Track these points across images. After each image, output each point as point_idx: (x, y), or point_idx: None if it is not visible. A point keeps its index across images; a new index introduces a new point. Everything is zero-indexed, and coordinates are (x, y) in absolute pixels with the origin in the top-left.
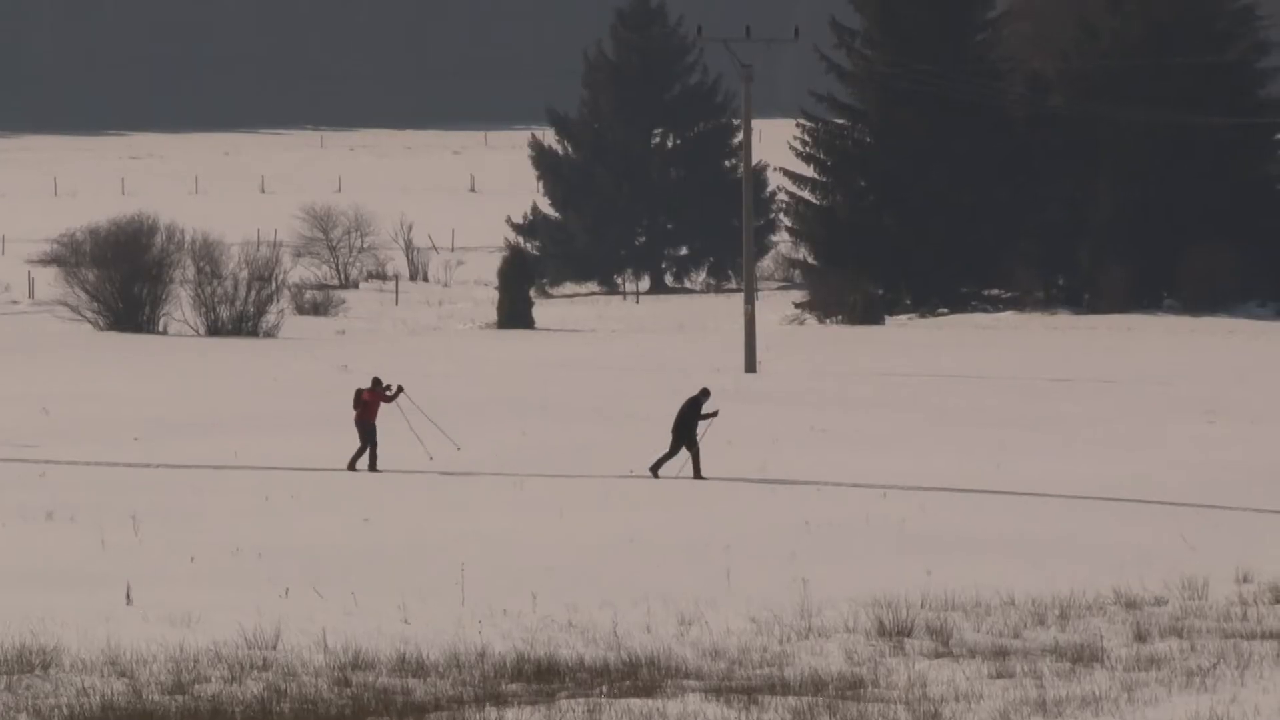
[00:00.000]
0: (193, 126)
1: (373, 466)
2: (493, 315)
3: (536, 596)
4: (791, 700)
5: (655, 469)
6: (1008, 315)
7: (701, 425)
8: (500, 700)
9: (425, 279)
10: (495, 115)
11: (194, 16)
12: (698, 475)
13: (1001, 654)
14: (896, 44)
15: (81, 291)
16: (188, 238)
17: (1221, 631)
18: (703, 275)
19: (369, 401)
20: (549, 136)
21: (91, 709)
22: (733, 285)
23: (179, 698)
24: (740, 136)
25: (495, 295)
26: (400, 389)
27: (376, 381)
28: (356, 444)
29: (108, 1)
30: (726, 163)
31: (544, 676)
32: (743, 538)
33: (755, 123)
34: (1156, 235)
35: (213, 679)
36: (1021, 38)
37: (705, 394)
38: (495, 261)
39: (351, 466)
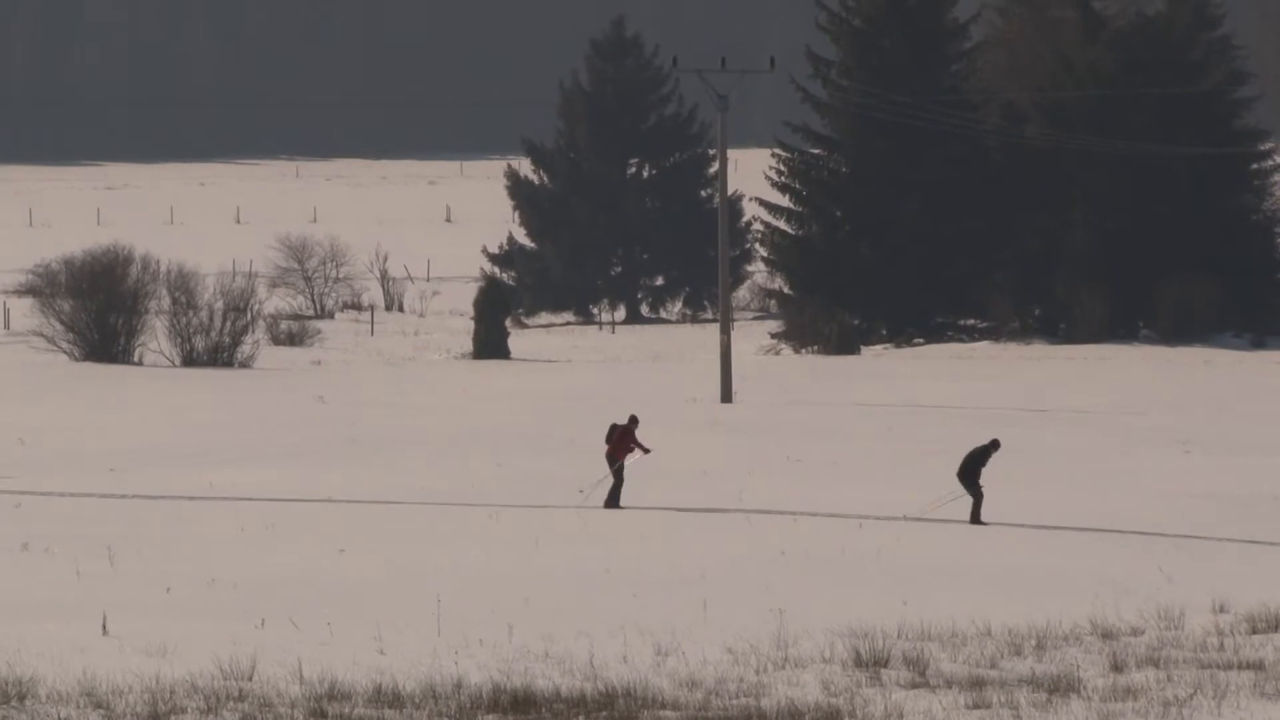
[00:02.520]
0: (168, 157)
1: (612, 503)
2: (468, 345)
3: (513, 627)
4: None
5: (976, 519)
6: (983, 345)
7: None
8: None
9: (401, 309)
10: (471, 145)
11: (169, 47)
12: (976, 520)
13: (978, 684)
14: (871, 74)
15: (57, 322)
16: (163, 268)
17: (1198, 662)
18: (678, 305)
19: (621, 440)
20: (525, 166)
21: None
22: (708, 315)
23: None
24: (716, 166)
25: (471, 325)
26: (648, 451)
27: (634, 420)
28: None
29: (83, 32)
30: (702, 193)
31: (520, 707)
32: (719, 568)
33: (731, 153)
34: (1132, 265)
35: (189, 710)
36: (997, 68)
37: (996, 445)
38: (471, 292)
39: (612, 504)
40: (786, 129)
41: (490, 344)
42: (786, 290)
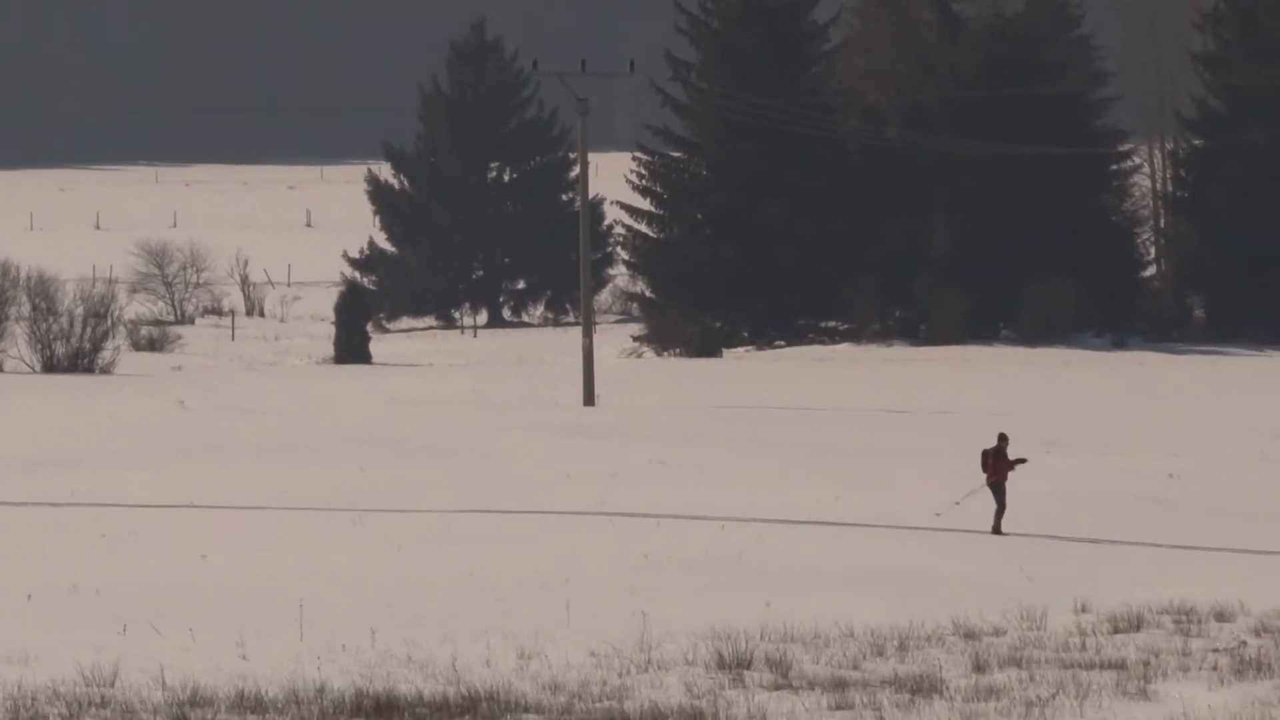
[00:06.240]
0: (27, 163)
1: (996, 528)
2: (329, 350)
3: (375, 632)
4: None
5: None
6: (844, 347)
7: None
8: None
9: (261, 314)
10: (331, 150)
11: (25, 52)
12: None
13: (841, 685)
14: (732, 77)
15: None
16: (23, 274)
17: (1060, 662)
18: (540, 309)
19: (997, 463)
20: (385, 171)
21: None
22: (570, 319)
23: None
24: (577, 170)
25: (332, 330)
26: (1023, 461)
27: (1003, 438)
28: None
29: None
30: (563, 196)
31: (383, 712)
32: (582, 571)
33: (592, 156)
34: (993, 267)
35: (50, 717)
36: (857, 71)
37: None
38: (332, 296)
39: (997, 530)
40: (647, 132)
41: (351, 348)
42: (648, 293)
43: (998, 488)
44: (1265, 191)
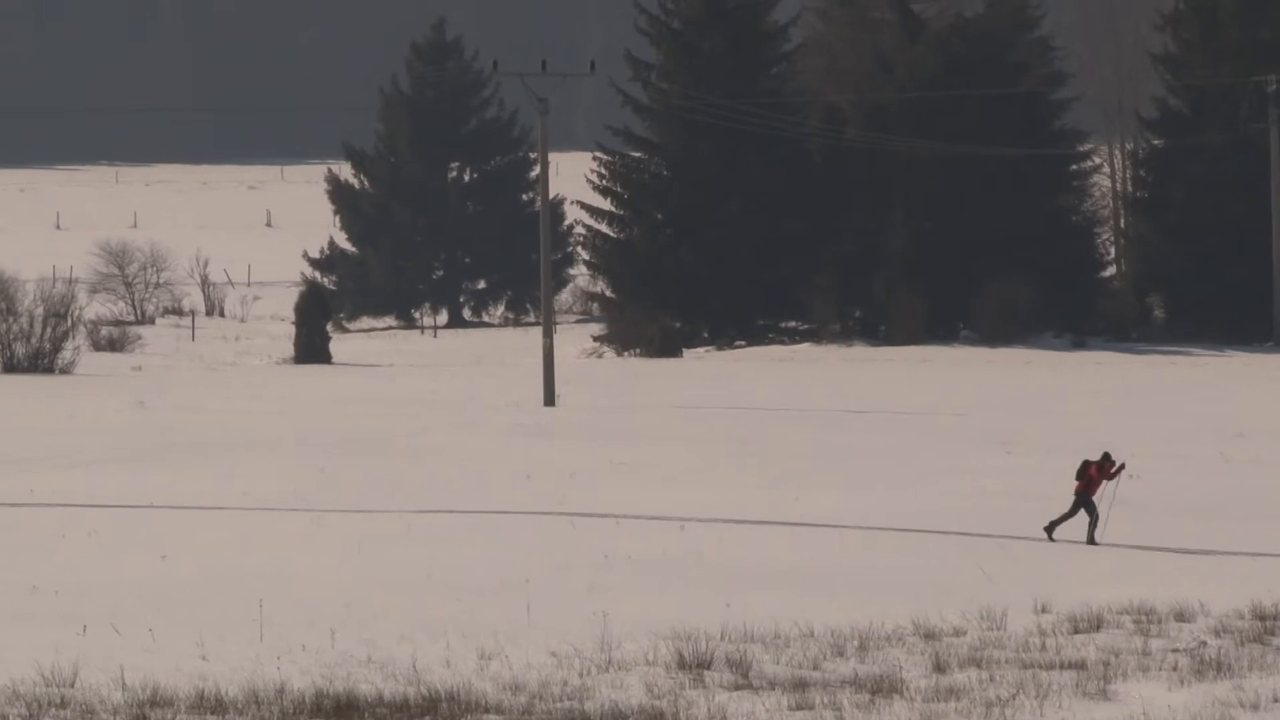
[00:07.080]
0: None
1: (1090, 538)
2: (289, 350)
3: (335, 632)
4: None
5: None
6: (804, 347)
7: None
8: None
9: (222, 314)
10: (291, 150)
11: None
12: None
13: (801, 686)
14: (692, 77)
15: None
16: None
17: (1020, 662)
18: (501, 309)
19: (1095, 477)
20: (345, 171)
21: None
22: (531, 319)
23: None
24: (537, 170)
25: (292, 330)
26: (1122, 466)
27: (1106, 457)
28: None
29: None
30: (524, 196)
31: (343, 712)
32: (542, 572)
33: (552, 156)
34: (952, 267)
35: (10, 717)
36: (817, 71)
37: None
38: (292, 296)
39: (1050, 534)
40: (608, 132)
41: (311, 349)
42: (608, 293)
43: (1085, 499)
44: (1224, 192)
